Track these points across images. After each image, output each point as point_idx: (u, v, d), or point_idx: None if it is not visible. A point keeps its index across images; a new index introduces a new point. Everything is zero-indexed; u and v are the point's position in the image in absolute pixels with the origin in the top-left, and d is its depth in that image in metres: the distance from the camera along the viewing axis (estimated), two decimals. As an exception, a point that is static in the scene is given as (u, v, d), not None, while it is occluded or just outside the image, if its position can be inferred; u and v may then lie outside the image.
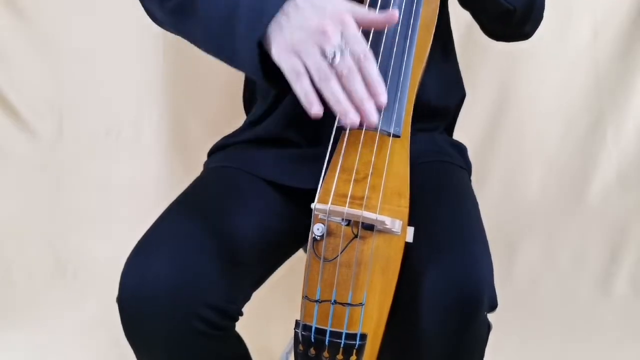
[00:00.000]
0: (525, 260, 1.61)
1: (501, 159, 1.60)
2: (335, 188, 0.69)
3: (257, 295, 0.81)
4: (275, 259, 0.82)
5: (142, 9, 0.79)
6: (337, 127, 0.73)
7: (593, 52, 1.53)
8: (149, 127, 1.58)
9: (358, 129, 0.72)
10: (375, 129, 0.71)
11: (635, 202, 1.58)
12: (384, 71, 0.72)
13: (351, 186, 0.69)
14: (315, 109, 0.60)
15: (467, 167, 0.92)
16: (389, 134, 0.71)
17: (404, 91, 0.73)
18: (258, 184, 0.83)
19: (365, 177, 0.70)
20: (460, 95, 0.95)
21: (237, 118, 0.99)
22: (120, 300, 0.69)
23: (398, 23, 0.74)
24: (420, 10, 0.75)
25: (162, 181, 1.60)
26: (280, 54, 0.61)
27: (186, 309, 0.67)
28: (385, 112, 0.71)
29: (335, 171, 0.70)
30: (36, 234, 1.57)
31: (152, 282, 0.67)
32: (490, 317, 0.74)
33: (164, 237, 0.72)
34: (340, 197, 0.69)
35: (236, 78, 0.97)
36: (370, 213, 0.66)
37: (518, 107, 1.56)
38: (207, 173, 0.89)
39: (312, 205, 0.67)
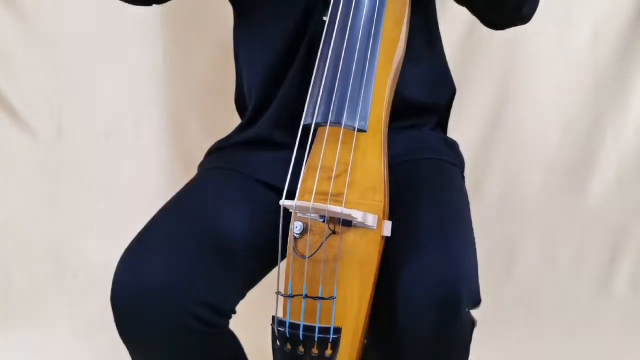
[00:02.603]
0: (525, 260, 1.61)
1: (500, 159, 1.60)
2: (302, 184, 0.71)
3: (253, 294, 0.81)
4: (269, 258, 0.83)
5: (142, 9, 0.80)
6: (304, 125, 0.74)
7: (593, 52, 1.53)
8: (148, 127, 1.58)
9: (322, 125, 0.73)
10: (340, 125, 0.72)
11: (635, 202, 1.58)
12: (347, 65, 0.73)
13: (317, 182, 0.71)
14: None
15: (458, 162, 0.92)
16: (353, 129, 0.72)
17: (369, 86, 0.74)
18: (251, 184, 0.84)
19: (333, 173, 0.71)
20: (450, 91, 0.95)
21: (236, 118, 0.99)
22: (113, 299, 0.70)
23: (362, 17, 0.74)
24: (385, 3, 0.76)
25: (161, 181, 1.60)
26: None
27: (179, 306, 0.68)
28: (349, 106, 0.72)
29: (304, 169, 0.72)
30: (36, 234, 1.57)
31: (144, 281, 0.68)
32: (490, 316, 0.74)
33: (156, 237, 0.73)
34: (307, 193, 0.70)
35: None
36: (336, 207, 0.68)
37: (517, 106, 1.56)
38: (201, 174, 0.89)
39: (280, 202, 0.69)
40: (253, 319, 0.93)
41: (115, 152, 1.58)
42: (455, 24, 1.48)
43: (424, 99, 0.89)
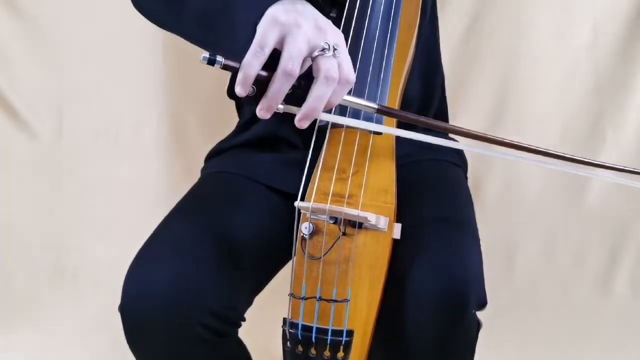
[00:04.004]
0: (525, 260, 1.61)
1: (501, 159, 1.60)
2: (317, 186, 0.70)
3: (258, 297, 0.81)
4: (276, 262, 0.82)
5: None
6: (320, 127, 0.73)
7: (593, 52, 1.53)
8: (148, 127, 1.58)
9: (339, 128, 0.73)
10: (356, 127, 0.72)
11: (635, 202, 1.58)
12: (364, 69, 0.73)
13: (333, 184, 0.70)
14: (239, 91, 0.58)
15: (461, 163, 0.92)
16: (368, 132, 0.72)
17: (385, 89, 0.74)
18: (255, 188, 0.83)
19: (348, 175, 0.71)
20: (440, 79, 0.95)
21: (236, 118, 0.99)
22: (123, 309, 0.69)
23: (378, 22, 0.74)
24: (400, 8, 0.76)
25: (161, 181, 1.60)
26: (265, 22, 0.59)
27: (188, 316, 0.67)
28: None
29: (318, 170, 0.71)
30: (36, 234, 1.57)
31: (153, 291, 0.67)
32: (490, 317, 0.73)
33: (164, 246, 0.72)
34: (323, 195, 0.69)
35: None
36: (352, 209, 0.67)
37: (518, 107, 1.56)
38: (204, 179, 0.88)
39: (295, 204, 0.68)
40: (257, 320, 0.93)
41: (115, 152, 1.58)
42: (455, 24, 1.48)
43: (417, 93, 0.89)
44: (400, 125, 0.77)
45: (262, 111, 0.59)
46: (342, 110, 0.72)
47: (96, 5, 1.49)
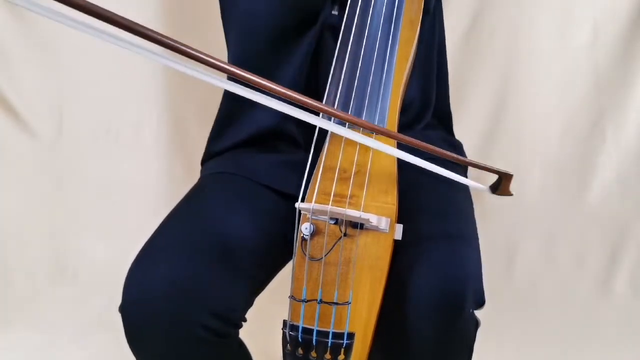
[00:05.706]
0: (525, 260, 1.61)
1: (501, 159, 1.60)
2: (318, 186, 0.69)
3: (259, 298, 0.81)
4: (276, 263, 0.82)
5: (141, 7, 0.79)
6: (320, 127, 0.73)
7: (593, 52, 1.52)
8: (149, 127, 1.58)
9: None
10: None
11: (635, 202, 1.58)
12: (366, 67, 0.72)
13: (334, 184, 0.69)
14: None
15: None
16: (371, 132, 0.71)
17: (387, 87, 0.73)
18: (256, 189, 0.83)
19: (350, 175, 0.70)
20: (443, 80, 0.95)
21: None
22: (123, 310, 0.69)
23: (380, 19, 0.74)
24: (403, 5, 0.75)
25: (161, 181, 1.60)
26: None
27: (189, 317, 0.67)
28: (368, 108, 0.71)
29: (319, 170, 0.71)
30: (36, 234, 1.57)
31: (154, 292, 0.67)
32: (490, 317, 0.73)
33: (164, 247, 0.71)
34: (324, 196, 0.69)
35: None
36: (354, 210, 0.66)
37: (518, 107, 1.56)
38: (204, 180, 0.88)
39: (296, 205, 0.67)
40: (258, 322, 0.93)
41: (115, 152, 1.58)
42: (456, 24, 1.48)
43: (413, 92, 0.88)
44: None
45: None
46: (344, 108, 0.72)
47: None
